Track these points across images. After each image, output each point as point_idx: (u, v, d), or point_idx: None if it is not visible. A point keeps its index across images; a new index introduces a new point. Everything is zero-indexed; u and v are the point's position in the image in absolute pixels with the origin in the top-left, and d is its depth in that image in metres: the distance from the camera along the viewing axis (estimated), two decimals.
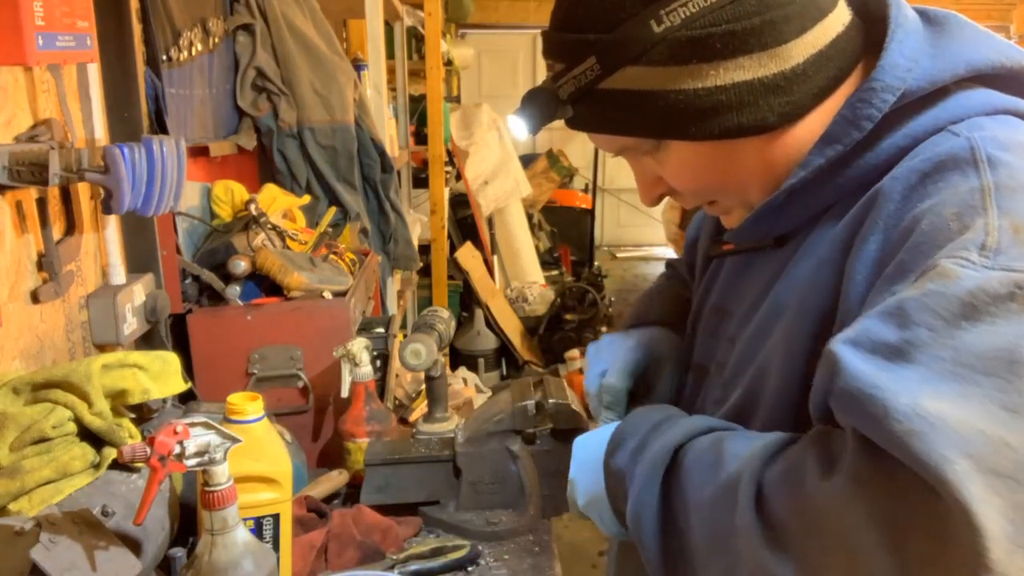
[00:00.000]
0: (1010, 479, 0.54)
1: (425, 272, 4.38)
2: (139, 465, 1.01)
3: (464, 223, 5.47)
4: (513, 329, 5.01)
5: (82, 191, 1.32)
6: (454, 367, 4.45)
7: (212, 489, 0.85)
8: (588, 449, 0.92)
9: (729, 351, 0.89)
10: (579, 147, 7.68)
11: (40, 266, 1.20)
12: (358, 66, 2.81)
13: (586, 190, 7.19)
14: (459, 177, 5.19)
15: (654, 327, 1.09)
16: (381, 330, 1.89)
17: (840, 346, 0.62)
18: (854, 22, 0.80)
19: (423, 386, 1.95)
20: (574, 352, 4.65)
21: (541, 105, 0.82)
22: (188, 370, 1.54)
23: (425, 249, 4.22)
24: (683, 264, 1.21)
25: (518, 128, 0.88)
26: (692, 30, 0.73)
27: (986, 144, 0.69)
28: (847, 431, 0.63)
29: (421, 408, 1.87)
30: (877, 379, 0.59)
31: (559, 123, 0.85)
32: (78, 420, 0.99)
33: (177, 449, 0.84)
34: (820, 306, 0.74)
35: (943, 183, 0.68)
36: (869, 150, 0.76)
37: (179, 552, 1.02)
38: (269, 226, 1.73)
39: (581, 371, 4.42)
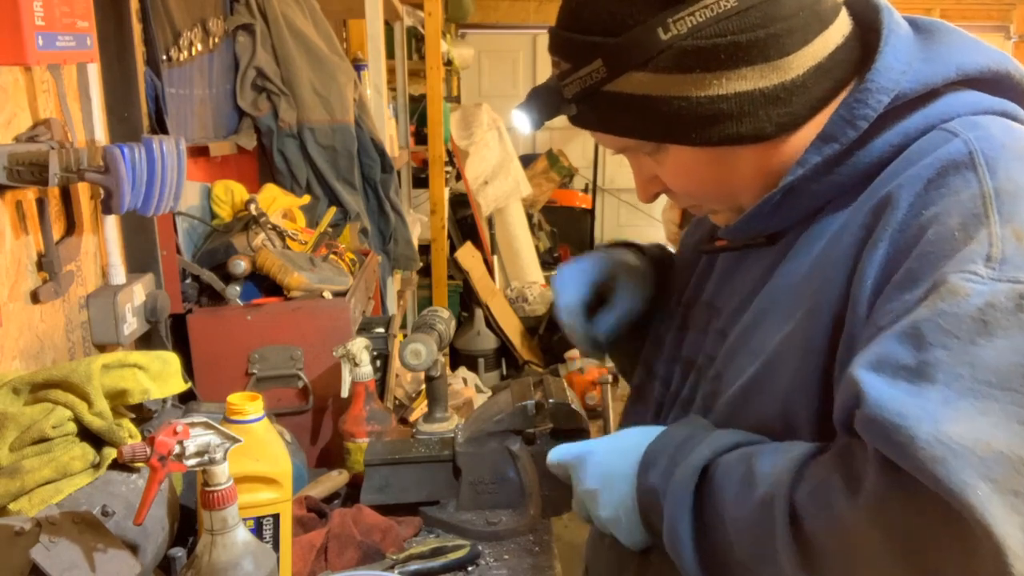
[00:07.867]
0: None
1: (425, 272, 4.38)
2: (139, 465, 1.01)
3: (464, 223, 5.47)
4: (513, 329, 5.01)
5: (82, 191, 1.32)
6: (454, 367, 4.45)
7: (212, 489, 0.85)
8: (606, 460, 0.89)
9: (719, 343, 0.89)
10: (579, 147, 7.67)
11: (40, 266, 1.20)
12: (358, 66, 2.81)
13: (586, 190, 7.18)
14: (459, 177, 5.19)
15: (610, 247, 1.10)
16: (381, 330, 1.89)
17: (861, 372, 0.64)
18: (854, 32, 0.82)
19: (423, 386, 1.95)
20: (574, 352, 4.63)
21: (545, 102, 0.84)
22: (188, 370, 1.54)
23: (425, 249, 4.22)
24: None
25: (521, 122, 0.90)
26: (698, 39, 0.74)
27: (983, 145, 0.71)
28: (869, 449, 0.64)
29: (421, 408, 1.87)
30: (901, 406, 0.60)
31: (560, 122, 0.87)
32: (78, 420, 0.99)
33: (177, 449, 0.84)
34: (833, 306, 0.75)
35: (945, 189, 0.70)
36: (862, 148, 0.78)
37: (179, 552, 1.02)
38: (269, 226, 1.73)
39: (581, 371, 4.42)
